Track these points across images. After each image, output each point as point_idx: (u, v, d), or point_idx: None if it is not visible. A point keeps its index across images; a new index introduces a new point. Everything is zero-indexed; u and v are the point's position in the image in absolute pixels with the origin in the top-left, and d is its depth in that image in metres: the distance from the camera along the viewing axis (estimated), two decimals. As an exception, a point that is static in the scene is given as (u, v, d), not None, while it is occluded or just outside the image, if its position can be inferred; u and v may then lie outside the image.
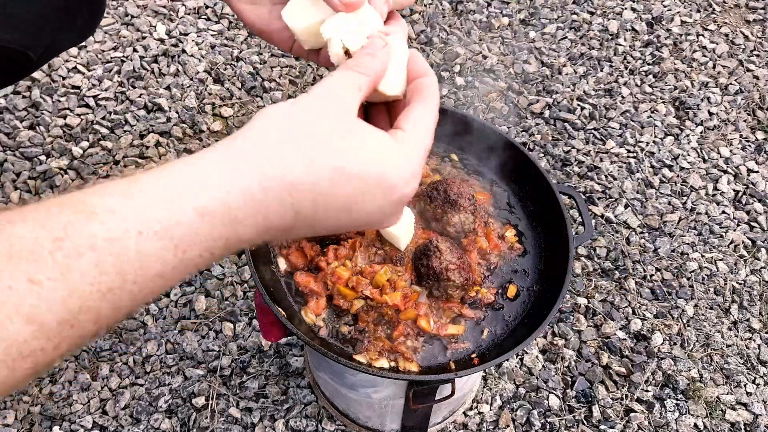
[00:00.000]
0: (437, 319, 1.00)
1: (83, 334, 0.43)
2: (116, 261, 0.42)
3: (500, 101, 2.02)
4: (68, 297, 0.41)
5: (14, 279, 0.39)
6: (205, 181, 0.47)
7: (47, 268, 0.40)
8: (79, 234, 0.41)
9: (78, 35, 1.19)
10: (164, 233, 0.44)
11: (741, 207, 1.85)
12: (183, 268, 0.46)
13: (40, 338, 0.40)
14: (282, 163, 0.49)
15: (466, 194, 1.03)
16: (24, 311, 0.39)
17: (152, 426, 1.36)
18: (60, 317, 0.40)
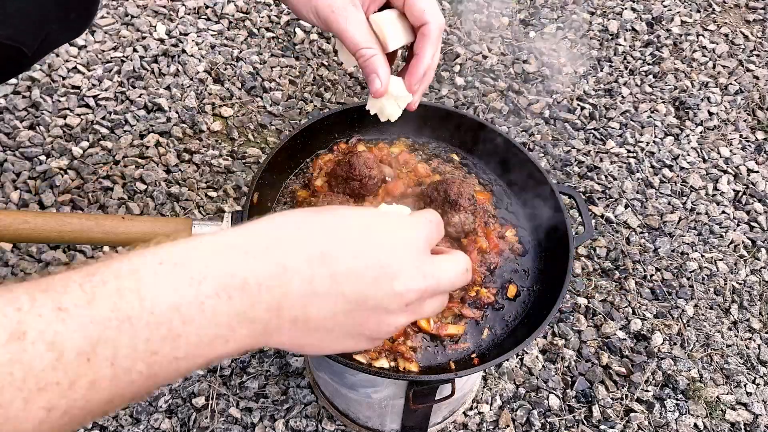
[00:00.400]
0: (437, 319, 1.00)
1: (98, 378, 0.42)
2: (135, 287, 0.44)
3: (500, 101, 2.02)
4: (89, 323, 0.42)
5: (44, 307, 0.41)
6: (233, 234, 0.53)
7: (75, 296, 0.43)
8: (108, 269, 0.45)
9: (72, 30, 1.19)
10: (183, 265, 0.46)
11: (741, 207, 1.85)
12: (198, 305, 0.46)
13: (57, 369, 0.41)
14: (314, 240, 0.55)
15: (466, 194, 1.03)
16: (48, 338, 0.40)
17: (152, 426, 1.36)
18: (79, 347, 0.41)
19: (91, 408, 0.43)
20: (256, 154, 1.80)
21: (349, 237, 0.55)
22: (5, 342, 0.39)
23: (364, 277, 0.54)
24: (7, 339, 0.39)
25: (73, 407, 0.42)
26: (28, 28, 1.04)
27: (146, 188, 1.68)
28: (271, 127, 1.88)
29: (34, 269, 1.50)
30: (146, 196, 1.67)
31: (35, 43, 1.07)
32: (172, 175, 1.72)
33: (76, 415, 0.42)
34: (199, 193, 1.70)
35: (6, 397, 0.39)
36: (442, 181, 1.05)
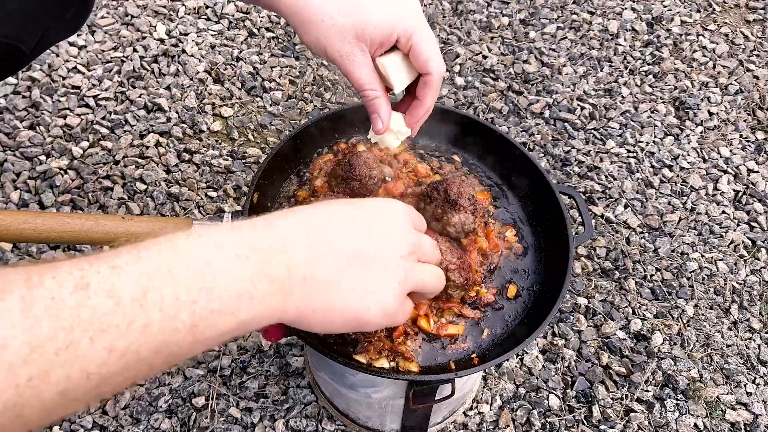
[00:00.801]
0: (437, 319, 1.00)
1: (149, 319, 0.50)
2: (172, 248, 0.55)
3: (500, 101, 2.02)
4: (140, 275, 0.51)
5: (101, 267, 0.50)
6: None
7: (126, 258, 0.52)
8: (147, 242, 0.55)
9: (69, 28, 1.19)
10: (205, 235, 0.57)
11: (741, 207, 1.85)
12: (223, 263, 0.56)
13: (116, 312, 0.48)
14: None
15: (466, 194, 1.03)
16: (106, 287, 0.49)
17: (152, 426, 1.36)
18: (133, 294, 0.50)
19: (143, 355, 0.50)
20: (256, 154, 1.80)
21: (340, 217, 0.67)
22: (72, 291, 0.47)
23: (357, 237, 0.66)
24: (74, 288, 0.47)
25: (129, 351, 0.48)
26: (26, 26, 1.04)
27: (146, 188, 1.68)
28: (271, 127, 1.88)
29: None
30: (146, 196, 1.67)
31: (33, 41, 1.07)
32: (172, 175, 1.72)
33: (130, 361, 0.49)
34: (199, 193, 1.70)
35: (76, 335, 0.46)
36: (442, 181, 1.05)
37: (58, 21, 1.11)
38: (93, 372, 0.47)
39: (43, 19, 1.06)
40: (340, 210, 0.67)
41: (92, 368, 0.46)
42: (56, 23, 1.11)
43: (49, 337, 0.44)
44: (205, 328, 0.53)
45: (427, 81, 0.84)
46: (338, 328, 0.67)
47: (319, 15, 0.81)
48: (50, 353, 0.44)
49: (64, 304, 0.46)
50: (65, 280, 0.47)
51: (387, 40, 0.81)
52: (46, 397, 0.45)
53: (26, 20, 1.04)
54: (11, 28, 1.01)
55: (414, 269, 0.70)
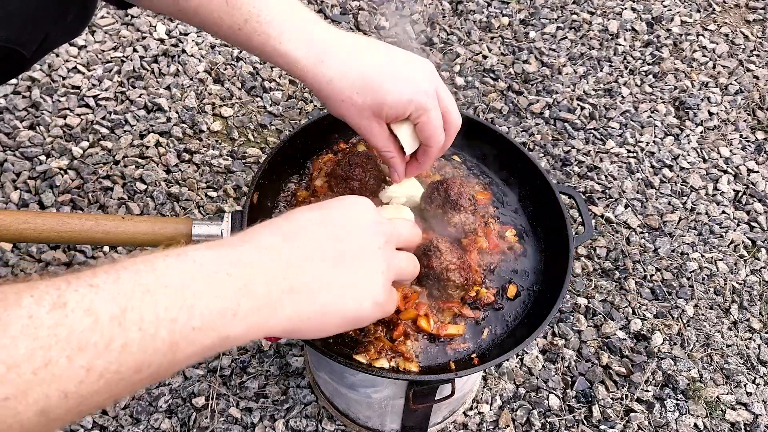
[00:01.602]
0: (437, 319, 1.00)
1: (128, 338, 0.50)
2: (150, 268, 0.55)
3: (500, 101, 2.02)
4: (117, 294, 0.51)
5: (79, 285, 0.50)
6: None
7: (103, 278, 0.52)
8: (126, 261, 0.55)
9: (70, 31, 1.19)
10: (186, 253, 0.58)
11: (741, 207, 1.85)
12: (203, 281, 0.57)
13: (95, 330, 0.48)
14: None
15: (466, 194, 1.03)
16: (84, 305, 0.49)
17: (152, 426, 1.36)
18: (111, 312, 0.50)
19: (123, 374, 0.50)
20: (256, 154, 1.80)
21: (311, 222, 0.69)
22: (49, 310, 0.47)
23: (332, 238, 0.68)
24: (51, 308, 0.47)
25: (108, 369, 0.49)
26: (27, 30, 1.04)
27: (146, 188, 1.68)
28: (271, 127, 1.88)
29: (34, 269, 1.50)
30: (146, 196, 1.67)
31: (34, 45, 1.07)
32: (172, 175, 1.72)
33: (109, 380, 0.49)
34: (199, 193, 1.70)
35: (53, 354, 0.46)
36: (442, 181, 1.05)
37: (59, 24, 1.11)
38: (71, 391, 0.47)
39: (43, 21, 1.06)
40: (310, 216, 0.69)
41: (70, 388, 0.47)
42: (57, 26, 1.11)
43: (26, 356, 0.44)
44: (187, 345, 0.54)
45: (427, 152, 0.97)
46: (333, 330, 0.68)
47: (339, 95, 0.91)
48: (27, 373, 0.44)
49: (41, 323, 0.46)
50: (43, 299, 0.47)
51: (401, 115, 0.91)
52: (24, 417, 0.45)
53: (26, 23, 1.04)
54: (11, 30, 1.01)
55: (394, 257, 0.73)
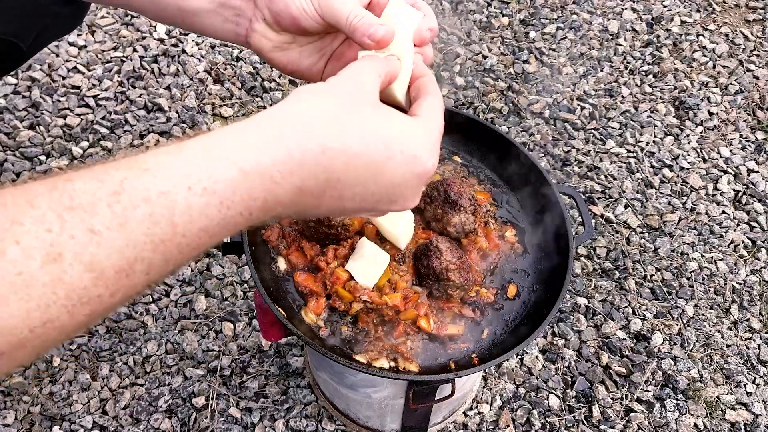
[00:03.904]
0: (437, 319, 1.00)
1: (137, 284, 0.46)
2: (168, 213, 0.46)
3: (500, 101, 2.02)
4: (125, 247, 0.44)
5: (75, 229, 0.42)
6: (249, 143, 0.51)
7: (106, 219, 0.44)
8: (134, 188, 0.45)
9: (66, 25, 1.19)
10: (211, 189, 0.48)
11: (741, 207, 1.85)
12: (225, 225, 0.50)
13: (99, 286, 0.44)
14: (318, 128, 0.54)
15: (466, 194, 1.03)
16: (85, 259, 0.42)
17: (152, 426, 1.36)
18: (118, 266, 0.44)
19: (129, 299, 0.48)
20: (256, 154, 1.80)
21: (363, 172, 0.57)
22: (42, 264, 0.41)
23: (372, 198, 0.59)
24: (43, 261, 0.41)
25: (112, 308, 0.46)
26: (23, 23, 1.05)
27: (146, 188, 1.68)
28: (271, 127, 1.88)
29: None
30: (146, 196, 1.67)
31: (30, 38, 1.07)
32: (172, 175, 1.72)
33: (117, 305, 0.47)
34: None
35: (53, 312, 0.42)
36: (442, 181, 1.05)
37: (55, 18, 1.11)
38: (73, 333, 0.45)
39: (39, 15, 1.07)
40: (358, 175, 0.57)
41: (72, 333, 0.45)
42: (53, 21, 1.11)
43: (21, 318, 0.40)
44: (195, 257, 0.52)
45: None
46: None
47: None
48: (24, 332, 0.41)
49: (34, 281, 0.41)
50: (32, 249, 0.41)
51: None
52: (22, 361, 0.43)
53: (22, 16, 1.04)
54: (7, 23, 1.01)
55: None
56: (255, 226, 0.53)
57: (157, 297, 1.53)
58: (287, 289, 1.02)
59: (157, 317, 1.50)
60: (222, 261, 1.59)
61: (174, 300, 1.53)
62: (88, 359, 1.43)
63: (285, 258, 1.05)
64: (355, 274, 0.98)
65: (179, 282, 1.55)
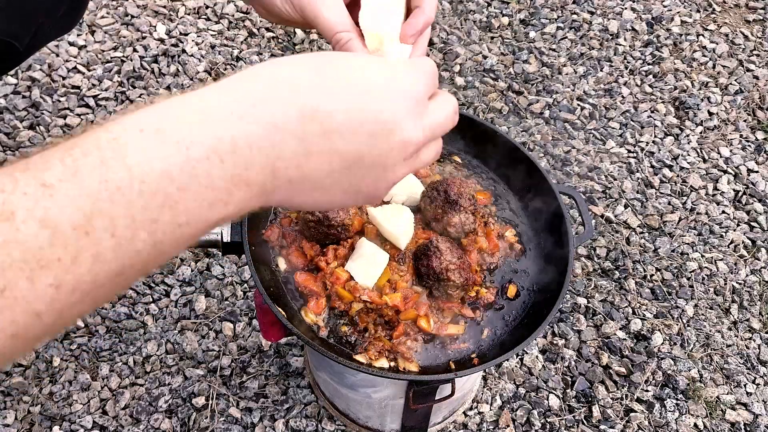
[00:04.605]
0: (437, 319, 1.00)
1: (101, 250, 0.42)
2: (119, 155, 0.42)
3: (500, 101, 2.02)
4: (78, 196, 0.41)
5: (28, 186, 0.40)
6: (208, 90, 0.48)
7: (57, 171, 0.41)
8: (86, 141, 0.43)
9: (63, 24, 1.19)
10: (162, 128, 0.44)
11: (741, 207, 1.85)
12: (191, 171, 0.45)
13: (56, 245, 0.40)
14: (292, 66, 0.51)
15: (466, 194, 1.03)
16: (38, 214, 0.39)
17: (152, 426, 1.36)
18: (74, 221, 0.41)
19: (101, 282, 0.43)
20: (256, 154, 1.80)
21: (342, 89, 0.52)
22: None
23: (359, 134, 0.52)
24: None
25: (82, 282, 0.41)
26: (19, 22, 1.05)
27: (146, 188, 1.68)
28: (271, 127, 1.88)
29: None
30: (146, 196, 1.67)
31: (26, 37, 1.07)
32: (172, 175, 1.72)
33: (87, 291, 0.42)
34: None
35: (9, 277, 0.39)
36: (442, 181, 1.05)
37: (51, 17, 1.11)
38: (43, 311, 0.40)
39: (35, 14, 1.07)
40: (341, 85, 0.52)
41: (41, 307, 0.40)
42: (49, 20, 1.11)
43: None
44: (173, 240, 0.45)
45: (419, 13, 0.73)
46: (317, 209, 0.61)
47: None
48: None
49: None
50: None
51: None
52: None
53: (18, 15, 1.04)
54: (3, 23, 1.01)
55: (416, 161, 0.60)
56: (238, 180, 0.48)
57: (157, 297, 1.53)
58: (287, 289, 1.03)
59: (157, 317, 1.50)
60: (222, 261, 1.59)
61: (174, 300, 1.53)
62: (88, 359, 1.43)
63: (285, 258, 1.05)
64: (355, 274, 0.98)
65: (179, 282, 1.56)
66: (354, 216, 1.04)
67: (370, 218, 1.04)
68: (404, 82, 0.56)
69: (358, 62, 0.56)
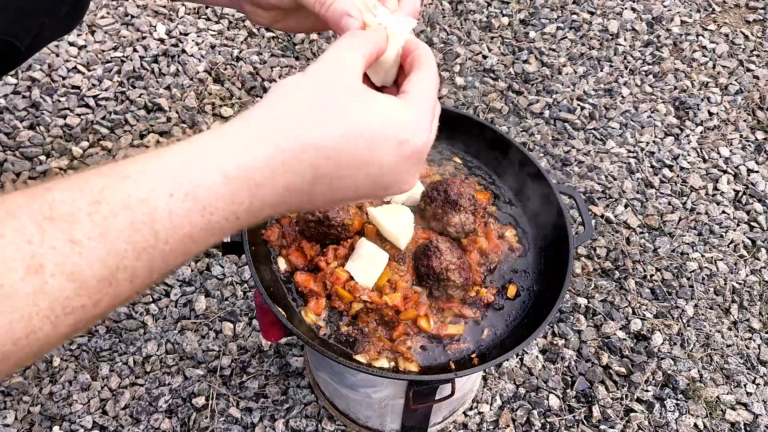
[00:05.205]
0: (437, 319, 1.00)
1: (120, 293, 0.46)
2: (149, 220, 0.45)
3: (500, 101, 2.02)
4: (106, 256, 0.44)
5: (56, 239, 0.42)
6: (229, 147, 0.50)
7: (86, 228, 0.43)
8: (114, 195, 0.45)
9: (64, 25, 1.19)
10: (192, 194, 0.47)
11: (741, 207, 1.85)
12: (210, 230, 0.49)
13: (81, 295, 0.43)
14: (297, 126, 0.52)
15: (466, 194, 1.03)
16: (67, 269, 0.42)
17: (152, 426, 1.36)
18: (99, 275, 0.44)
19: (117, 305, 0.47)
20: (256, 154, 1.80)
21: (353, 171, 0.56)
22: (24, 275, 0.40)
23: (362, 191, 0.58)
24: (25, 272, 0.40)
25: (97, 316, 0.45)
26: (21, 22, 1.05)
27: (146, 188, 1.68)
28: (271, 127, 1.88)
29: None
30: (146, 196, 1.67)
31: (28, 38, 1.07)
32: (172, 175, 1.72)
33: (104, 313, 0.46)
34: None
35: (36, 324, 0.41)
36: (442, 181, 1.05)
37: (53, 17, 1.11)
38: (59, 343, 0.45)
39: (36, 14, 1.07)
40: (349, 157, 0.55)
41: (59, 342, 0.44)
42: (51, 20, 1.11)
43: (3, 330, 0.40)
44: (182, 263, 0.51)
45: None
46: None
47: None
48: (7, 344, 0.40)
49: (15, 293, 0.40)
50: (13, 261, 0.40)
51: None
52: (6, 373, 0.42)
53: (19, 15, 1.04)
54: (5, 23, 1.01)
55: (421, 166, 0.62)
56: (246, 228, 0.53)
57: (157, 297, 1.53)
58: (287, 289, 1.03)
59: (157, 317, 1.50)
60: (222, 261, 1.59)
61: (174, 300, 1.53)
62: (88, 359, 1.43)
63: (285, 258, 1.05)
64: (355, 274, 0.98)
65: (179, 282, 1.56)
66: (354, 216, 1.04)
67: (370, 218, 1.04)
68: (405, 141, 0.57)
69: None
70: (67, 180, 0.45)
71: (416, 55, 0.65)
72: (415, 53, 0.65)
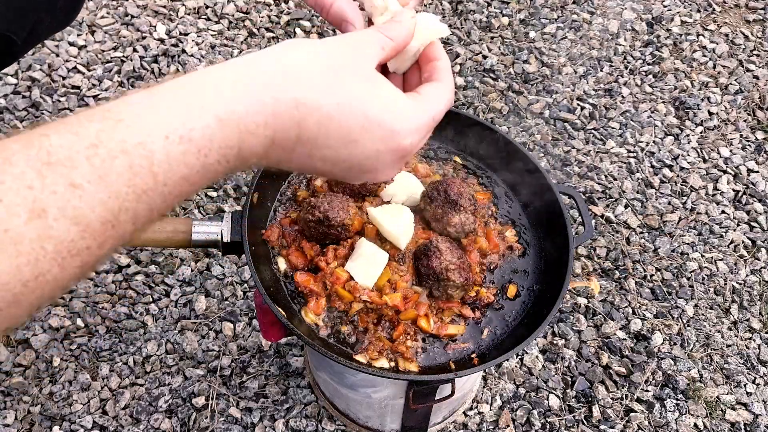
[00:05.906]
0: (437, 319, 1.00)
1: (124, 233, 0.47)
2: (146, 163, 0.46)
3: (500, 101, 2.02)
4: (107, 199, 0.44)
5: (56, 184, 0.42)
6: (224, 91, 0.51)
7: (86, 172, 0.44)
8: (111, 139, 0.45)
9: (60, 19, 1.19)
10: (187, 137, 0.48)
11: (741, 207, 1.85)
12: (205, 173, 0.50)
13: (86, 238, 0.44)
14: (297, 82, 0.53)
15: (466, 194, 1.03)
16: (69, 213, 0.43)
17: (152, 426, 1.36)
18: (102, 218, 0.44)
19: (121, 244, 0.48)
20: (256, 154, 1.80)
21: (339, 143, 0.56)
22: (27, 220, 0.41)
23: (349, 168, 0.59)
24: (28, 217, 0.41)
25: (103, 257, 0.46)
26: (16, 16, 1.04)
27: (146, 188, 1.68)
28: (271, 127, 1.88)
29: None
30: (146, 196, 1.67)
31: (24, 32, 1.07)
32: (172, 175, 1.72)
33: (111, 253, 0.47)
34: (199, 192, 1.70)
35: (44, 266, 0.42)
36: (442, 181, 1.05)
37: (49, 11, 1.11)
38: (68, 285, 0.45)
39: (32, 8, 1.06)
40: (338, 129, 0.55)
41: (67, 284, 0.45)
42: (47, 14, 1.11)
43: (11, 273, 0.41)
44: (180, 203, 0.51)
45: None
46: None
47: None
48: (17, 286, 0.41)
49: (20, 237, 0.41)
50: (15, 206, 0.40)
51: None
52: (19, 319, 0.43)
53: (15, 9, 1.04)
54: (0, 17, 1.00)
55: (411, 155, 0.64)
56: (231, 174, 0.54)
57: (157, 297, 1.53)
58: (287, 289, 1.03)
59: (157, 317, 1.50)
60: (222, 261, 1.59)
61: (174, 300, 1.53)
62: (88, 359, 1.43)
63: (285, 258, 1.05)
64: (354, 274, 0.98)
65: (179, 282, 1.56)
66: (354, 216, 1.04)
67: (370, 218, 1.04)
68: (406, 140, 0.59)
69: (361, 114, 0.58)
70: (62, 124, 0.45)
71: (439, 66, 0.67)
72: (438, 64, 0.67)
